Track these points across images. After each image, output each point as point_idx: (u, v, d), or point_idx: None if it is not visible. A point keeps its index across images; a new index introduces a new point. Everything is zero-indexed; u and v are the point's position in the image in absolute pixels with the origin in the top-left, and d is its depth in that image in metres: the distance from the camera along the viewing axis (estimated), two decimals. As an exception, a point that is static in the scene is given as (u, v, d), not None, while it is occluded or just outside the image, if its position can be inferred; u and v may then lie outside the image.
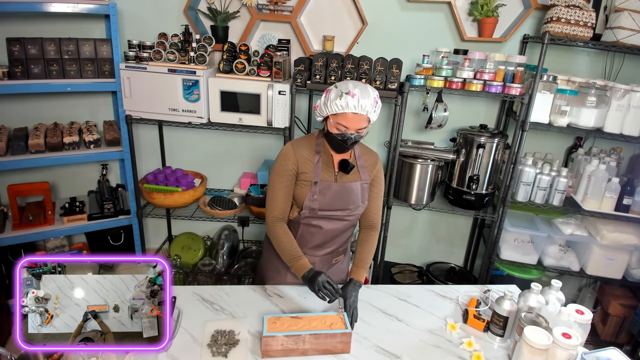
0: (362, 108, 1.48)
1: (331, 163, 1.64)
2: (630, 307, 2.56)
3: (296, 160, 1.60)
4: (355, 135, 1.52)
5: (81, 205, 2.70)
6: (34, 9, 2.26)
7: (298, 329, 1.35)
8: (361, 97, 1.46)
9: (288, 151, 1.61)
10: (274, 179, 1.62)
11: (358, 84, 1.50)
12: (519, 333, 1.38)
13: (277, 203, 1.62)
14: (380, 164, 1.73)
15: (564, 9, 2.19)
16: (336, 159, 1.64)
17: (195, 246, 2.97)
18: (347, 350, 1.38)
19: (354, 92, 1.46)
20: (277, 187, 1.61)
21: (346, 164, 1.60)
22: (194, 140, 2.96)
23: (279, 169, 1.61)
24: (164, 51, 2.43)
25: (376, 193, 1.72)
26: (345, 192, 1.62)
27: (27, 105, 2.70)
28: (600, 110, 2.28)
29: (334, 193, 1.61)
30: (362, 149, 1.70)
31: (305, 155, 1.61)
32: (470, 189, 2.48)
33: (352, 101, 1.46)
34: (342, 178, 1.63)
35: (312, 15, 2.65)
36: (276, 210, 1.62)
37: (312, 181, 1.59)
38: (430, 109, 2.41)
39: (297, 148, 1.62)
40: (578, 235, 2.54)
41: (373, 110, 1.51)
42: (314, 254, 1.71)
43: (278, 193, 1.61)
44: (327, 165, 1.63)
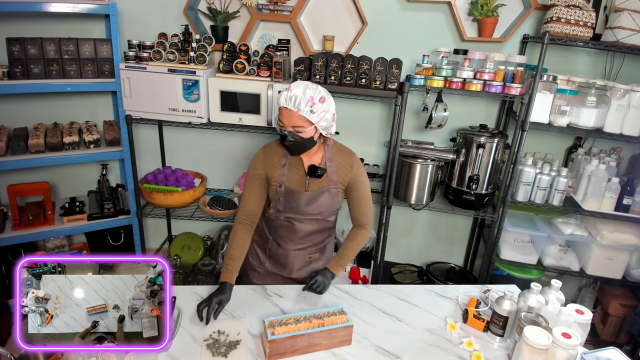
0: (293, 102, 1.45)
1: (301, 167, 1.62)
2: (630, 307, 2.56)
3: (264, 166, 1.63)
4: (290, 132, 1.49)
5: (81, 205, 2.70)
6: (34, 9, 2.26)
7: (299, 328, 1.35)
8: (294, 91, 1.45)
9: (258, 155, 1.66)
10: (246, 182, 1.68)
11: (301, 83, 1.49)
12: (519, 333, 1.38)
13: (245, 206, 1.66)
14: (358, 164, 1.67)
15: (564, 9, 2.19)
16: (305, 162, 1.62)
17: (195, 246, 2.97)
18: (349, 343, 1.41)
19: (290, 87, 1.47)
20: (248, 190, 1.66)
21: (315, 169, 1.57)
22: (194, 140, 2.96)
23: (250, 173, 1.66)
24: (164, 51, 2.43)
25: (359, 196, 1.68)
26: (313, 200, 1.62)
27: (27, 105, 2.70)
28: (600, 110, 2.28)
29: (301, 201, 1.62)
30: (335, 150, 1.66)
31: (274, 159, 1.63)
32: (470, 189, 2.48)
33: (284, 94, 1.46)
34: (312, 183, 1.62)
35: (312, 15, 2.65)
36: (243, 213, 1.67)
37: (277, 184, 1.62)
38: (430, 109, 2.41)
39: (268, 153, 1.65)
40: (578, 235, 2.54)
41: (309, 110, 1.46)
42: (287, 247, 1.73)
43: (247, 196, 1.66)
44: (297, 169, 1.62)
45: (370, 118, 2.81)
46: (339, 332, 1.38)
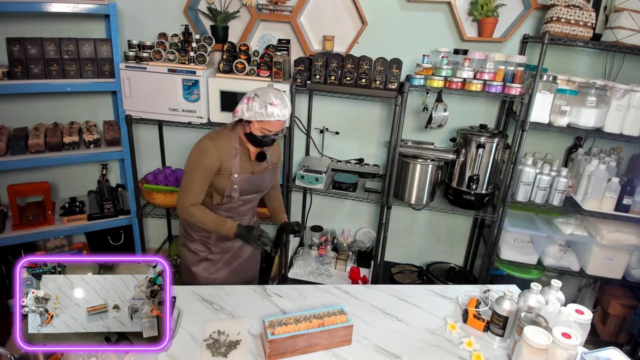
0: (284, 116, 1.69)
1: (247, 155, 1.82)
2: (630, 307, 2.56)
3: (219, 157, 1.73)
4: (276, 135, 1.75)
5: (81, 205, 2.70)
6: (34, 9, 2.26)
7: (299, 328, 1.35)
8: (283, 108, 1.68)
9: (209, 147, 1.74)
10: (192, 171, 1.75)
11: (277, 94, 1.69)
12: (519, 333, 1.38)
13: (193, 194, 1.75)
14: (279, 146, 2.00)
15: (564, 9, 2.19)
16: (252, 151, 1.83)
17: (195, 246, 2.96)
18: (349, 342, 1.41)
19: (276, 103, 1.66)
20: (195, 179, 1.74)
21: (263, 155, 1.83)
22: (194, 140, 2.93)
23: (199, 164, 1.73)
24: (164, 51, 2.43)
25: (278, 167, 2.03)
26: (260, 180, 1.86)
27: (27, 105, 2.70)
28: (600, 110, 2.28)
29: (252, 182, 1.83)
30: None
31: (225, 150, 1.75)
32: (470, 189, 2.48)
33: (276, 110, 1.66)
34: (257, 167, 1.85)
35: (312, 15, 2.65)
36: (191, 200, 1.76)
37: (232, 173, 1.76)
38: (430, 109, 2.41)
39: (218, 145, 1.75)
40: (578, 235, 2.54)
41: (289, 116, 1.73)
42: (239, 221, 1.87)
43: (195, 185, 1.75)
44: (245, 157, 1.81)
45: (370, 118, 2.81)
46: (339, 332, 1.38)
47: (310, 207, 3.05)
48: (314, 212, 3.07)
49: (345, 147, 2.90)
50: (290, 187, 2.65)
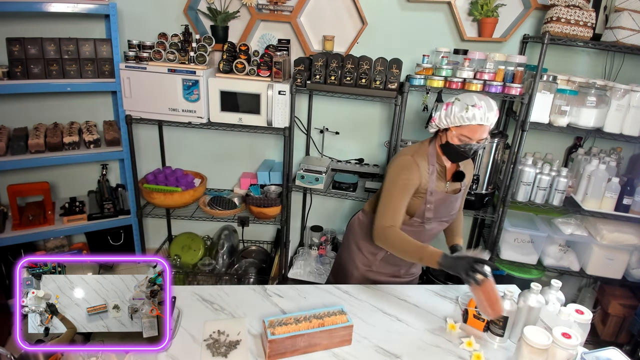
0: (488, 120, 1.50)
1: (443, 173, 1.66)
2: (630, 307, 2.56)
3: (420, 173, 1.59)
4: (478, 145, 1.54)
5: (81, 205, 2.70)
6: (34, 9, 2.26)
7: (299, 328, 1.35)
8: (487, 110, 1.48)
9: (411, 164, 1.59)
10: (394, 189, 1.59)
11: (482, 97, 1.52)
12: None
13: (395, 215, 1.58)
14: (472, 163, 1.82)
15: (564, 9, 2.19)
16: (449, 168, 1.67)
17: (195, 246, 2.97)
18: (349, 342, 1.40)
19: (480, 105, 1.48)
20: (398, 198, 1.58)
21: (461, 175, 1.66)
22: (194, 140, 2.96)
23: (402, 181, 1.58)
24: (164, 51, 2.43)
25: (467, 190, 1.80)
26: (453, 201, 1.69)
27: (27, 105, 2.70)
28: (600, 110, 2.28)
29: (445, 204, 1.66)
30: None
31: (425, 167, 1.62)
32: (470, 189, 2.48)
33: (478, 113, 1.48)
34: (451, 187, 1.69)
35: (312, 15, 2.65)
36: (391, 221, 1.58)
37: (429, 191, 1.61)
38: (430, 109, 2.41)
39: (418, 160, 1.61)
40: (578, 235, 2.54)
41: (494, 121, 1.53)
42: None
43: (398, 205, 1.58)
44: (440, 175, 1.65)
45: (370, 118, 2.81)
46: (339, 332, 1.38)
47: (310, 207, 3.05)
48: (314, 212, 3.07)
49: (345, 147, 2.90)
50: (290, 187, 2.65)
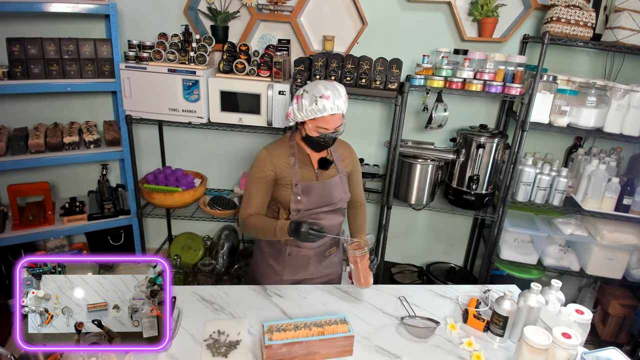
0: (338, 108, 1.53)
1: (309, 162, 1.69)
2: (630, 307, 2.56)
3: (274, 166, 1.63)
4: (335, 133, 1.59)
5: (81, 205, 2.70)
6: (34, 9, 2.26)
7: (298, 335, 1.32)
8: (335, 98, 1.51)
9: (264, 157, 1.65)
10: (250, 182, 1.67)
11: (327, 85, 1.53)
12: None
13: (252, 204, 1.66)
14: (354, 152, 1.83)
15: (564, 9, 2.19)
16: (314, 157, 1.70)
17: (195, 246, 2.97)
18: (350, 353, 1.37)
19: (327, 94, 1.50)
20: (253, 190, 1.66)
21: (326, 161, 1.67)
22: (194, 140, 2.96)
23: (255, 175, 1.65)
24: (164, 51, 2.43)
25: (357, 178, 1.83)
26: (327, 188, 1.68)
27: (27, 105, 2.70)
28: (600, 110, 2.28)
29: (317, 191, 1.67)
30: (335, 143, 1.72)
31: (282, 159, 1.65)
32: (470, 189, 2.48)
33: (328, 103, 1.50)
34: (322, 175, 1.70)
35: (312, 15, 2.65)
36: (250, 210, 1.66)
37: (293, 183, 1.63)
38: (430, 109, 2.41)
39: (273, 153, 1.65)
40: (578, 235, 2.54)
41: (345, 106, 1.57)
42: (308, 248, 1.72)
43: (253, 197, 1.66)
44: (305, 165, 1.68)
45: (370, 118, 2.81)
46: (339, 341, 1.34)
47: (310, 207, 3.04)
48: (314, 212, 3.07)
49: (345, 147, 2.89)
50: (290, 187, 2.64)
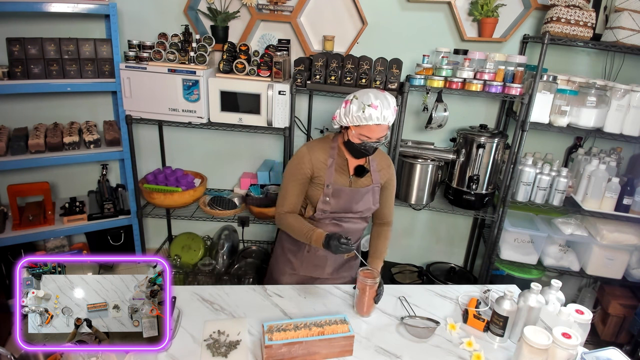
0: (385, 119, 1.51)
1: (346, 167, 1.68)
2: (630, 307, 2.56)
3: (312, 164, 1.64)
4: (377, 143, 1.58)
5: (81, 205, 2.70)
6: (34, 9, 2.26)
7: (298, 335, 1.32)
8: (383, 109, 1.50)
9: (304, 154, 1.65)
10: (287, 179, 1.67)
11: (378, 94, 1.53)
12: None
13: (288, 202, 1.67)
14: (393, 166, 1.80)
15: (564, 9, 2.19)
16: (352, 163, 1.69)
17: (195, 246, 2.97)
18: (350, 353, 1.37)
19: (376, 104, 1.49)
20: (290, 187, 1.66)
21: (362, 169, 1.65)
22: (194, 140, 2.96)
23: (293, 170, 1.66)
24: (164, 51, 2.43)
25: (390, 194, 1.79)
26: (357, 196, 1.68)
27: (27, 105, 2.70)
28: (600, 110, 2.28)
29: (346, 197, 1.66)
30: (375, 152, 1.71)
31: (320, 158, 1.65)
32: (470, 189, 2.48)
33: (375, 113, 1.49)
34: (355, 182, 1.69)
35: (312, 15, 2.65)
36: (286, 207, 1.68)
37: (325, 184, 1.63)
38: (430, 109, 2.41)
39: (313, 151, 1.65)
40: (578, 235, 2.54)
41: (393, 118, 1.55)
42: None
43: (290, 193, 1.67)
44: (342, 169, 1.68)
45: (370, 118, 2.81)
46: (339, 341, 1.35)
47: (310, 207, 3.04)
48: (314, 212, 3.07)
49: (345, 147, 2.89)
50: (290, 187, 2.64)
